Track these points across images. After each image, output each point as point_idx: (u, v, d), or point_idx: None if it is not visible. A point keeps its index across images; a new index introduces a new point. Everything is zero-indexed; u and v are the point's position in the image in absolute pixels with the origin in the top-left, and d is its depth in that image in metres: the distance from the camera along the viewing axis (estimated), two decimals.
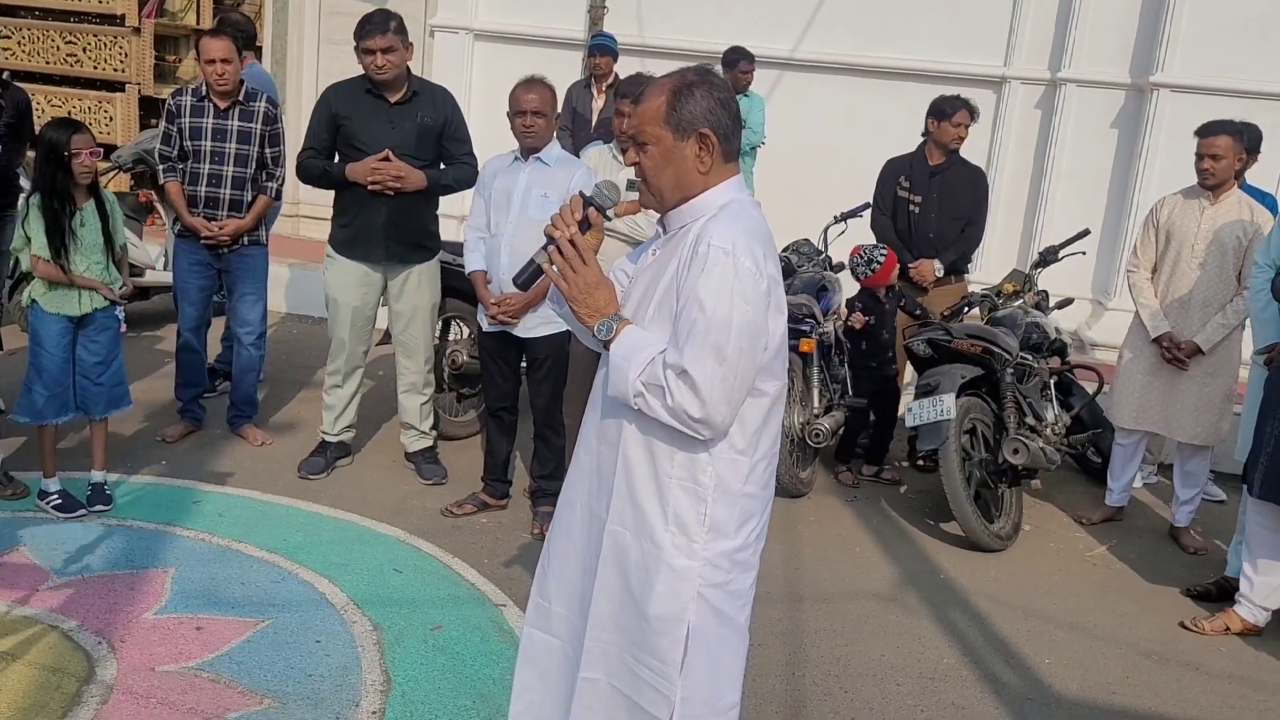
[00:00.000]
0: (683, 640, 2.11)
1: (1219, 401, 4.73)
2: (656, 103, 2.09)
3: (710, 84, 2.10)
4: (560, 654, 2.33)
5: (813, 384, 5.12)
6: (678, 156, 2.09)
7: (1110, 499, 5.12)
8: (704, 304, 1.96)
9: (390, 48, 4.41)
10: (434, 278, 4.79)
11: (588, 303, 2.12)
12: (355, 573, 3.89)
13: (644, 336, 2.07)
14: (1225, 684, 3.72)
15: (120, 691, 3.03)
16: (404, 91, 4.54)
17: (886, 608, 4.07)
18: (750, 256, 1.99)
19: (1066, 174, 7.53)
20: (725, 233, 2.00)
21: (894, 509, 5.10)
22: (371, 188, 4.47)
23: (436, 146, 4.62)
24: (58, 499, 4.14)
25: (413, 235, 4.65)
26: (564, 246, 2.12)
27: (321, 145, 4.60)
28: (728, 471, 2.10)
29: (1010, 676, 3.65)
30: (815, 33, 7.87)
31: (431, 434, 4.96)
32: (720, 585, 2.13)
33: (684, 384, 1.97)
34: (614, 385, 2.07)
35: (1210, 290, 4.67)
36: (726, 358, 1.96)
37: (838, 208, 5.86)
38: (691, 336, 1.97)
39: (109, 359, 4.19)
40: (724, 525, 2.11)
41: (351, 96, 4.56)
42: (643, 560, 2.12)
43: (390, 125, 4.51)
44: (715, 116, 2.08)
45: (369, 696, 3.13)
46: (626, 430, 2.12)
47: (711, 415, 1.99)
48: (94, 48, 8.75)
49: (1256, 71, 6.92)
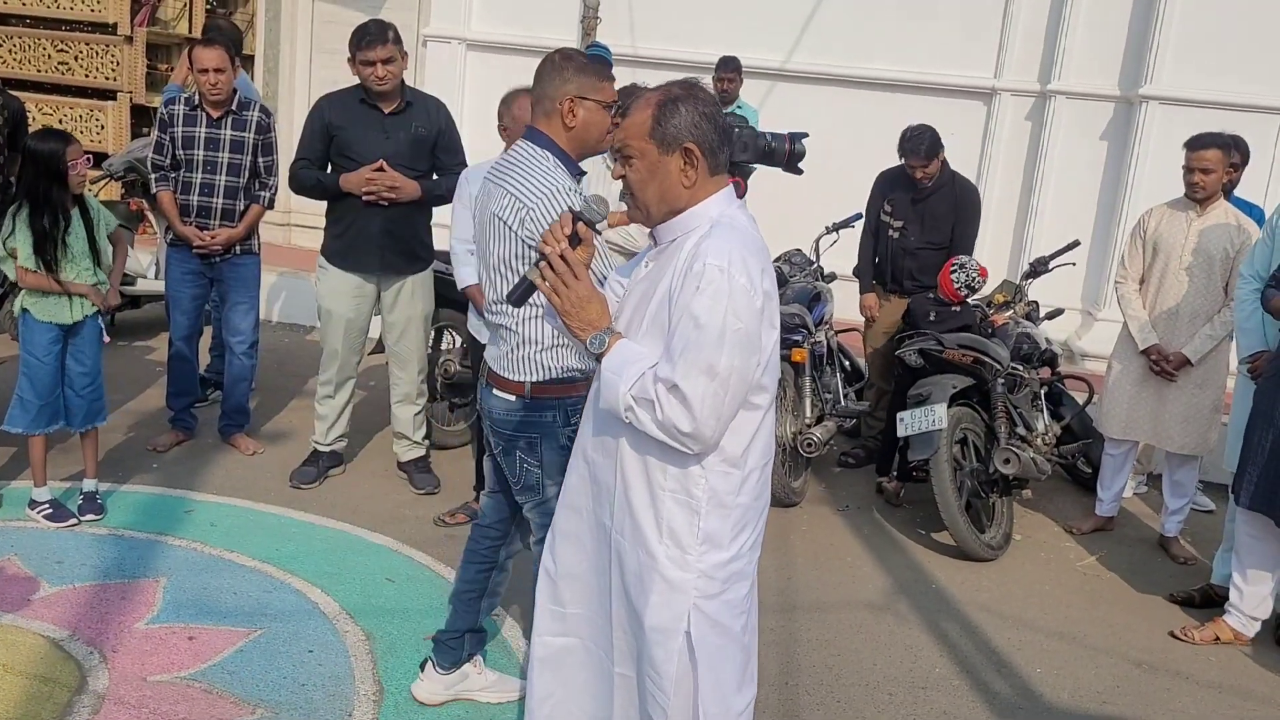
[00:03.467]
0: (677, 652, 2.12)
1: (1207, 412, 4.76)
2: (642, 117, 2.10)
3: (695, 98, 2.11)
4: (581, 650, 2.34)
5: (804, 394, 5.13)
6: (662, 171, 2.10)
7: (1100, 509, 5.15)
8: (698, 320, 1.97)
9: (390, 58, 4.41)
10: (428, 288, 4.79)
11: (580, 317, 2.13)
12: (347, 582, 3.88)
13: (635, 350, 2.08)
14: (1214, 693, 3.74)
15: (112, 701, 3.02)
16: (398, 102, 4.54)
17: (878, 617, 4.08)
18: (745, 273, 2.00)
19: (1056, 185, 7.58)
20: (721, 250, 2.01)
21: (886, 519, 5.11)
22: (366, 198, 4.46)
23: (430, 157, 4.62)
24: (48, 508, 4.13)
25: (407, 246, 4.64)
26: (555, 262, 2.13)
27: (315, 156, 4.59)
28: (720, 484, 2.11)
29: (1001, 685, 3.66)
30: (807, 43, 7.91)
31: (424, 444, 4.95)
32: (715, 596, 2.14)
33: (674, 399, 1.98)
34: (605, 398, 2.08)
35: (1198, 301, 4.70)
36: (718, 374, 1.97)
37: (829, 218, 5.88)
38: (685, 353, 1.98)
39: (93, 371, 4.18)
40: (718, 537, 2.12)
41: (345, 107, 4.55)
42: (639, 570, 2.13)
43: (385, 135, 4.51)
44: (700, 130, 2.09)
45: (362, 706, 3.12)
46: (622, 443, 2.14)
47: (701, 430, 2.00)
48: (86, 56, 8.74)
49: (1245, 84, 6.99)
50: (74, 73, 8.79)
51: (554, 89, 2.64)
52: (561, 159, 2.63)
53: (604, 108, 2.68)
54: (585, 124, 2.64)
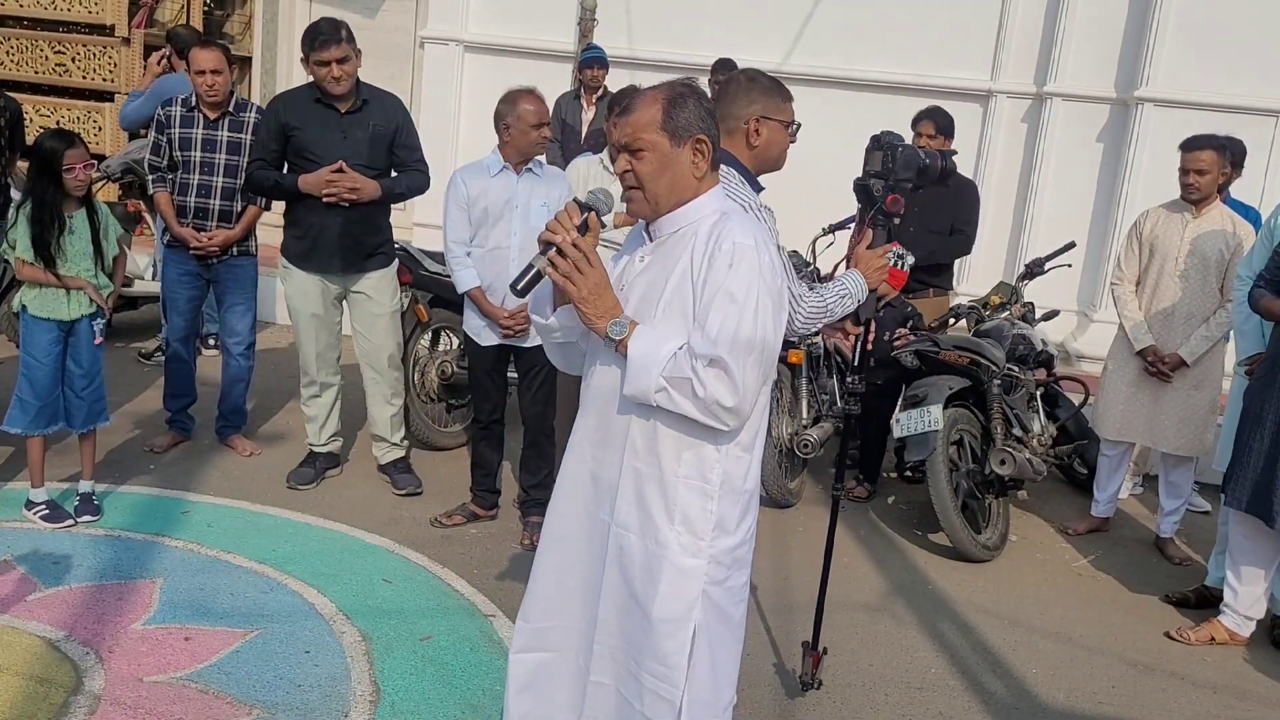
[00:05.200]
0: (688, 642, 2.15)
1: (1203, 413, 4.77)
2: (651, 110, 2.13)
3: (699, 95, 2.17)
4: (557, 665, 2.34)
5: (801, 395, 5.14)
6: (674, 162, 2.13)
7: (1096, 510, 5.16)
8: (735, 296, 2.03)
9: (345, 57, 4.37)
10: (392, 284, 4.76)
11: (597, 304, 2.13)
12: (344, 583, 3.88)
13: (658, 334, 2.10)
14: (1210, 694, 3.75)
15: (108, 702, 3.02)
16: (354, 101, 4.50)
17: (874, 618, 4.08)
18: (769, 254, 2.09)
19: (1052, 187, 7.60)
20: (747, 230, 2.09)
21: (881, 520, 5.12)
22: (326, 199, 4.43)
23: (388, 155, 4.60)
24: (45, 509, 4.13)
25: (368, 245, 4.61)
26: (568, 250, 2.13)
27: (270, 156, 4.54)
28: (734, 469, 2.17)
29: (997, 686, 3.67)
30: (804, 45, 7.93)
31: (404, 445, 4.93)
32: (721, 582, 2.19)
33: (717, 372, 2.02)
34: (633, 383, 2.09)
35: (1194, 303, 4.71)
36: (754, 347, 2.04)
37: (825, 220, 5.88)
38: (724, 328, 2.03)
39: (92, 371, 4.19)
40: (728, 522, 2.18)
41: (301, 106, 4.51)
42: (647, 562, 2.14)
43: (342, 135, 4.47)
44: (707, 124, 2.15)
45: (358, 707, 3.12)
46: (631, 434, 2.16)
47: (742, 404, 2.05)
48: (83, 57, 8.74)
49: (1240, 86, 7.00)
50: (72, 74, 8.79)
51: (740, 109, 2.72)
52: (744, 175, 2.69)
53: (784, 127, 2.76)
54: (768, 143, 2.73)
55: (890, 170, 3.19)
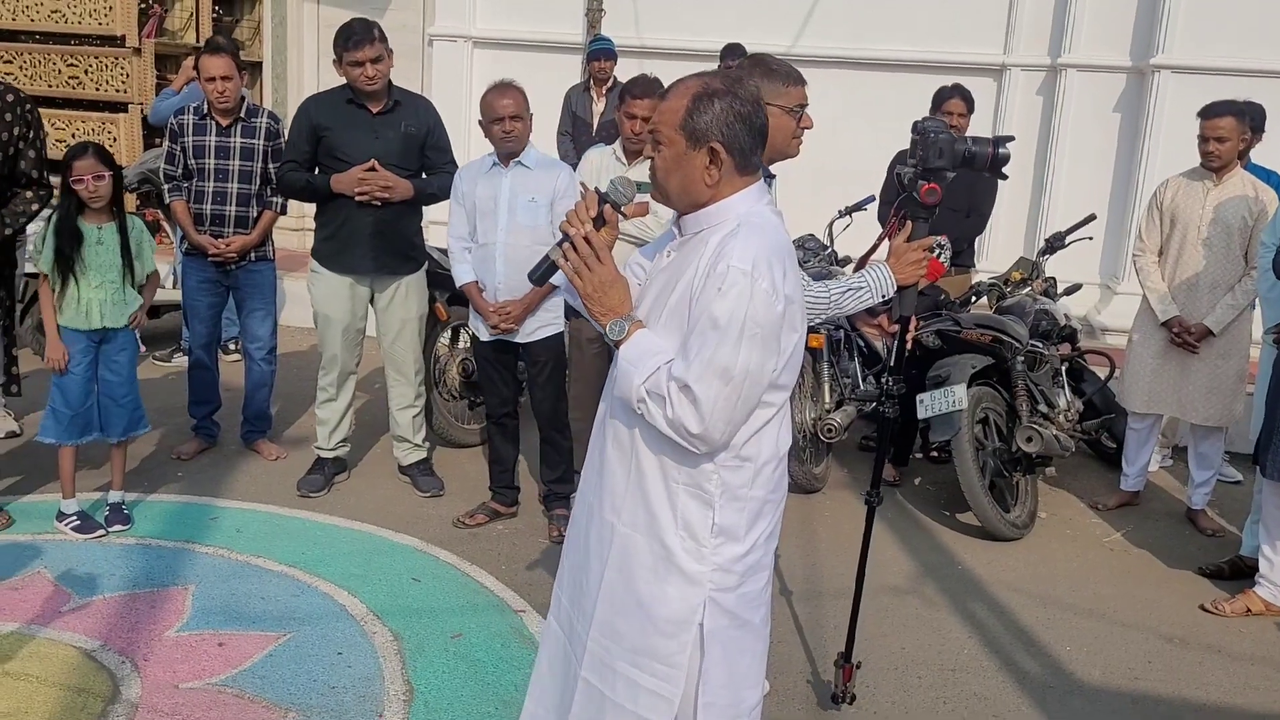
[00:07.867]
0: (690, 644, 2.10)
1: (1231, 382, 4.72)
2: (678, 105, 2.05)
3: (735, 95, 2.05)
4: (557, 641, 2.34)
5: (823, 379, 5.11)
6: (686, 164, 2.06)
7: (1125, 484, 5.11)
8: (717, 322, 1.95)
9: (378, 57, 4.38)
10: (421, 290, 4.77)
11: (602, 301, 2.11)
12: (374, 583, 3.90)
13: (653, 342, 2.06)
14: (1247, 665, 3.71)
15: (145, 709, 3.05)
16: (386, 101, 4.51)
17: (905, 600, 4.07)
18: (769, 277, 1.97)
19: (1070, 159, 7.51)
20: (746, 252, 1.97)
21: (909, 501, 5.10)
22: (359, 198, 4.44)
23: (420, 156, 4.60)
24: (76, 520, 4.17)
25: (399, 246, 4.62)
26: (579, 244, 2.11)
27: (302, 158, 4.55)
28: (732, 477, 2.09)
29: (1031, 665, 3.65)
30: (813, 27, 7.87)
31: (425, 445, 4.95)
32: (731, 590, 2.12)
33: (686, 399, 1.96)
34: (620, 387, 2.08)
35: (1218, 271, 4.65)
36: (732, 378, 1.95)
37: (841, 202, 5.85)
38: (700, 354, 1.96)
39: (129, 379, 4.22)
40: (733, 530, 2.11)
41: (333, 107, 4.52)
42: (654, 563, 2.11)
43: (374, 135, 4.47)
44: (732, 130, 2.03)
45: (392, 706, 3.14)
46: (639, 434, 2.12)
47: (709, 433, 1.98)
48: (95, 69, 8.77)
49: (1257, 50, 6.90)
50: (85, 86, 8.82)
51: None
52: None
53: (788, 112, 2.64)
54: (770, 129, 2.54)
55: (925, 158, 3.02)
